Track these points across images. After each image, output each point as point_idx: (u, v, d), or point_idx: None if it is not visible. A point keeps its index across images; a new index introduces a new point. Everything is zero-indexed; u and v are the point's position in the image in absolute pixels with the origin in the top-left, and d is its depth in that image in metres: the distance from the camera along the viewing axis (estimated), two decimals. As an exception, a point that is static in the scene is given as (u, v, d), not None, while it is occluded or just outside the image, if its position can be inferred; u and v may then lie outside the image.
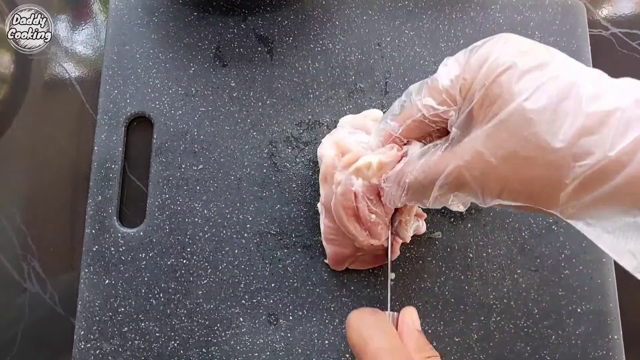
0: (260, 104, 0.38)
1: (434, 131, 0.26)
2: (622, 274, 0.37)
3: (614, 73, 0.20)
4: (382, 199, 0.29)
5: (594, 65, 0.39)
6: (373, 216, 0.30)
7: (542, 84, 0.19)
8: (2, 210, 0.39)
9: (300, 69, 0.39)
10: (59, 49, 0.42)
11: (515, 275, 0.35)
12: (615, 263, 0.36)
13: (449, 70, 0.23)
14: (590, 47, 0.39)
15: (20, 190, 0.39)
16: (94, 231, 0.36)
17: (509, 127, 0.20)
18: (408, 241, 0.33)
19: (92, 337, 0.35)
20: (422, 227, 0.34)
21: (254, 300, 0.35)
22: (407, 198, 0.26)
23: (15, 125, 0.40)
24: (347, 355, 0.34)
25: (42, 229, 0.39)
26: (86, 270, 0.36)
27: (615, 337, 0.34)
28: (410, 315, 0.27)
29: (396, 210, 0.31)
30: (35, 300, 0.38)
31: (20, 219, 0.39)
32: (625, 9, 0.42)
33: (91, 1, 0.43)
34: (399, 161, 0.28)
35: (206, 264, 0.36)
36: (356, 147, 0.30)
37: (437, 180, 0.23)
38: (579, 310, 0.35)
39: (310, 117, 0.38)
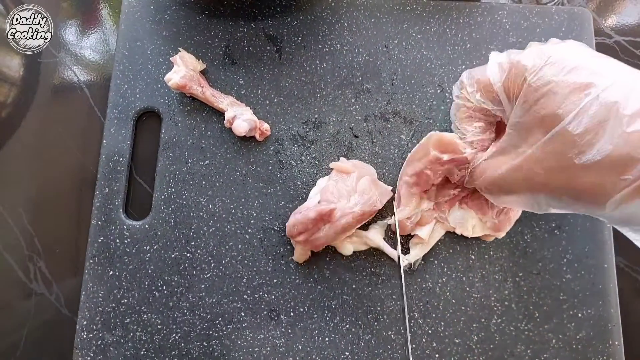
0: (267, 102, 0.39)
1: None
2: (624, 280, 0.37)
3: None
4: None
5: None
6: None
7: (584, 105, 0.21)
8: (10, 211, 0.39)
9: (308, 68, 0.39)
10: (68, 52, 0.43)
11: (517, 278, 0.35)
12: (617, 269, 0.36)
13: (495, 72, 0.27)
14: (595, 54, 0.39)
15: (27, 191, 0.40)
16: (99, 223, 0.36)
17: (555, 147, 0.22)
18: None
19: (94, 327, 0.35)
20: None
21: (256, 296, 0.35)
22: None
23: (23, 127, 0.41)
24: (347, 354, 0.34)
25: (49, 230, 0.39)
26: (91, 261, 0.36)
27: (616, 343, 0.34)
28: None
29: None
30: (41, 301, 0.38)
31: (27, 219, 0.39)
32: (629, 18, 0.42)
33: (100, 6, 0.44)
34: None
35: (209, 258, 0.36)
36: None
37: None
38: (580, 315, 0.35)
39: (316, 116, 0.38)
